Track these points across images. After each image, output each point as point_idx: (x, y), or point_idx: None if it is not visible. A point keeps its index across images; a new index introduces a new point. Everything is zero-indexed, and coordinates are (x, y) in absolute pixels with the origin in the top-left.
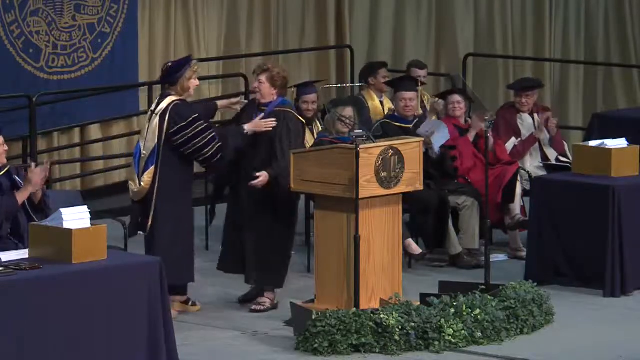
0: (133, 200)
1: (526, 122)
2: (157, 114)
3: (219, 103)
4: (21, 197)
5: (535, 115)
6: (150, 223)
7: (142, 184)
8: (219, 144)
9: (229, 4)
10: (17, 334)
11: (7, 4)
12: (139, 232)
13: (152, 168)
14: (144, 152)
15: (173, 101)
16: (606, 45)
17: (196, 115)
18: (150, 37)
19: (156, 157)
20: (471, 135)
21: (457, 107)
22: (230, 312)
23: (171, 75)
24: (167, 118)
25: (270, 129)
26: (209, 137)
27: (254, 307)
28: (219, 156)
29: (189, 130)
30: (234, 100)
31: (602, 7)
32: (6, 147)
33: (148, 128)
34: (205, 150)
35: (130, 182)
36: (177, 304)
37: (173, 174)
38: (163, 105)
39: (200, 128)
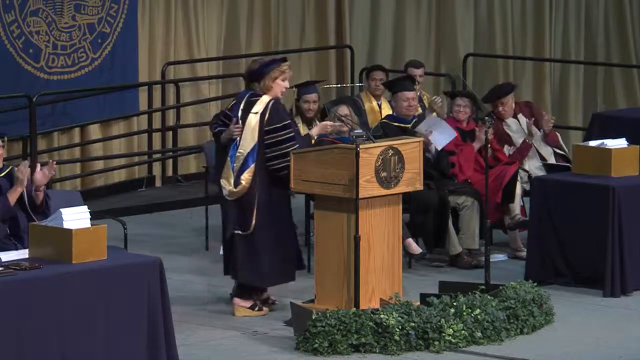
0: (227, 199)
1: (513, 126)
2: (256, 113)
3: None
4: (12, 197)
5: (520, 116)
6: (254, 222)
7: (242, 182)
8: (289, 160)
9: (229, 4)
10: (17, 334)
11: (7, 4)
12: (236, 231)
13: (252, 166)
14: (241, 150)
15: (271, 100)
16: (606, 45)
17: (289, 120)
18: (150, 37)
19: (256, 155)
20: (476, 146)
21: (461, 111)
22: (231, 312)
23: (259, 70)
24: (267, 116)
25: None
26: (288, 150)
27: (273, 301)
28: (283, 172)
29: (281, 133)
30: (329, 124)
31: (602, 7)
32: (1, 151)
33: (244, 128)
34: (277, 161)
35: (223, 182)
36: (240, 308)
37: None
38: (260, 106)
39: (289, 135)
